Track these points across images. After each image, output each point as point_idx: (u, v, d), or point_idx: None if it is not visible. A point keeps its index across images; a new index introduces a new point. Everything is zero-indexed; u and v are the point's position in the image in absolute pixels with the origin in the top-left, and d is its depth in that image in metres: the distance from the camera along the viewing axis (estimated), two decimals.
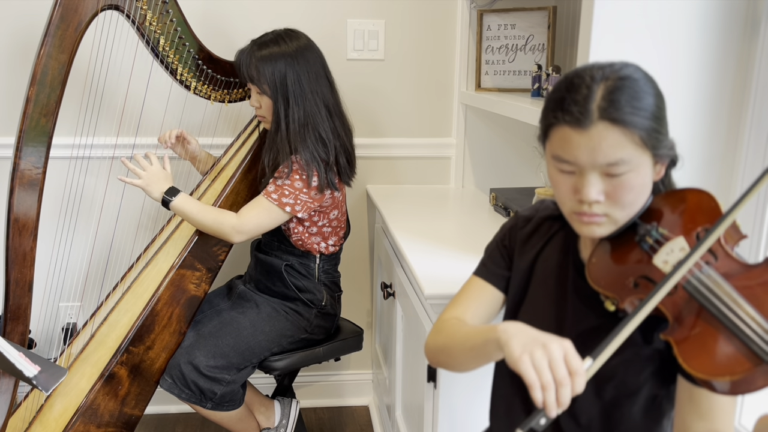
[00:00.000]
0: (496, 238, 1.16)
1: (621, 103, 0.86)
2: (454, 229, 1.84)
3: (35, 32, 2.01)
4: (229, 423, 1.82)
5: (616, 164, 0.87)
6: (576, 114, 0.87)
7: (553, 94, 0.93)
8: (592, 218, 0.92)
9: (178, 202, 1.68)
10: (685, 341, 0.84)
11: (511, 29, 2.01)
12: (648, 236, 0.93)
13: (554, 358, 0.81)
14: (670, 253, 0.91)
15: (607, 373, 0.96)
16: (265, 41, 1.72)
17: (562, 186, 0.93)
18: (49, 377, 1.10)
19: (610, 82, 0.87)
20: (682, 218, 0.94)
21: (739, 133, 1.30)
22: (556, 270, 1.06)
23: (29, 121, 1.45)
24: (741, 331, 0.81)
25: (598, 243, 0.99)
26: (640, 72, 0.91)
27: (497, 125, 2.23)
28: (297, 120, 1.70)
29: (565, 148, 0.90)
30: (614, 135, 0.86)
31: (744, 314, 0.81)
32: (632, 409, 0.98)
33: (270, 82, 1.70)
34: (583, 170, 0.90)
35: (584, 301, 1.01)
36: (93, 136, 2.06)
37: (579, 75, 0.90)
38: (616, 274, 0.94)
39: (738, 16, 1.25)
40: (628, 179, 0.89)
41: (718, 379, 0.79)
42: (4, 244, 1.47)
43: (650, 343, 0.95)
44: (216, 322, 1.78)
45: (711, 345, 0.82)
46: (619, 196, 0.90)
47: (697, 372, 0.81)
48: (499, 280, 1.12)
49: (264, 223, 1.72)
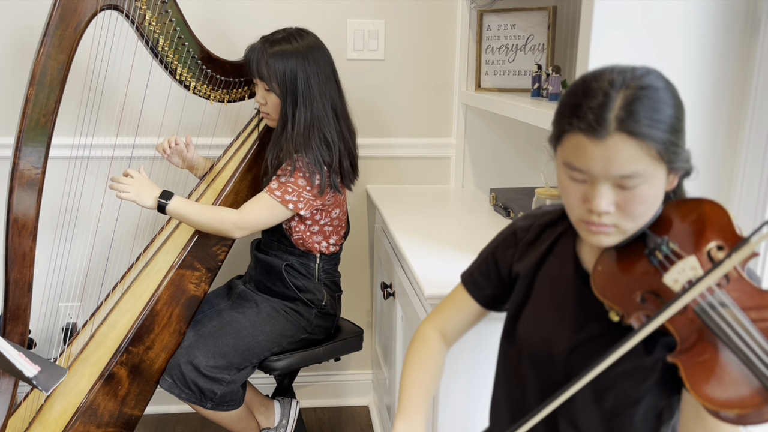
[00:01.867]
0: (489, 247, 1.15)
1: (639, 114, 0.83)
2: (454, 229, 1.84)
3: (34, 32, 2.01)
4: (229, 423, 1.82)
5: (630, 177, 0.85)
6: (592, 123, 0.84)
7: (568, 97, 0.89)
8: (600, 228, 0.90)
9: (175, 205, 1.67)
10: (693, 367, 0.81)
11: (511, 29, 2.01)
12: (658, 250, 0.91)
13: None
14: (681, 272, 0.88)
15: (607, 382, 0.95)
16: (277, 39, 1.72)
17: (572, 194, 0.91)
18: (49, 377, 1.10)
19: (630, 91, 0.84)
20: (693, 232, 0.91)
21: (739, 133, 1.30)
22: (558, 277, 1.04)
23: (28, 122, 1.45)
24: (753, 364, 0.78)
25: (604, 250, 0.97)
26: (661, 80, 0.87)
27: (497, 125, 2.23)
28: (303, 121, 1.70)
29: (578, 156, 0.87)
30: (631, 148, 0.83)
31: (757, 347, 0.78)
32: (632, 418, 0.97)
33: (280, 80, 1.70)
34: (595, 180, 0.87)
35: (587, 309, 0.99)
36: (92, 136, 2.06)
37: (597, 79, 0.87)
38: (623, 286, 0.92)
39: (738, 16, 1.25)
40: (640, 192, 0.86)
41: (727, 411, 0.77)
42: (3, 244, 1.47)
43: (652, 353, 0.93)
44: (216, 322, 1.78)
45: (721, 374, 0.79)
46: (631, 208, 0.88)
47: (706, 402, 0.79)
48: (480, 295, 1.14)
49: (266, 220, 1.72)
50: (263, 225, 1.73)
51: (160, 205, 1.67)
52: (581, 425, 1.01)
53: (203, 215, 1.69)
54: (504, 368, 1.13)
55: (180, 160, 1.91)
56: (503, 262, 1.11)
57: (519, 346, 1.07)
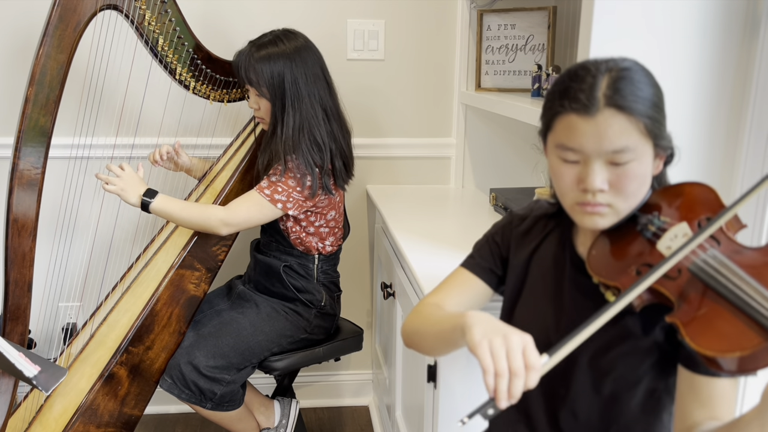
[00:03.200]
0: (486, 234, 1.17)
1: (625, 91, 0.88)
2: (454, 229, 1.84)
3: (34, 32, 2.00)
4: (229, 423, 1.82)
5: (621, 151, 0.89)
6: (583, 101, 0.89)
7: (556, 86, 0.94)
8: (595, 208, 0.93)
9: (158, 203, 1.66)
10: (692, 321, 0.84)
11: (511, 29, 2.01)
12: (650, 224, 0.95)
13: (512, 349, 0.81)
14: (674, 238, 0.91)
15: (605, 366, 0.98)
16: (263, 42, 1.71)
17: (566, 176, 0.94)
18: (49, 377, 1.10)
19: (614, 72, 0.90)
20: (682, 209, 0.95)
21: (739, 133, 1.30)
22: (552, 266, 1.06)
23: (28, 121, 1.45)
24: (750, 306, 0.80)
25: (598, 236, 0.99)
26: (638, 65, 0.93)
27: (497, 125, 2.23)
28: (293, 124, 1.69)
29: (570, 136, 0.91)
30: (620, 121, 0.88)
31: (752, 291, 0.81)
32: (631, 402, 0.98)
33: (268, 85, 1.69)
34: (588, 159, 0.91)
35: (583, 296, 1.01)
36: (92, 136, 2.06)
37: (583, 67, 0.93)
38: (619, 264, 0.94)
39: (738, 16, 1.25)
40: (632, 168, 0.90)
41: (727, 355, 0.79)
42: (3, 244, 1.47)
43: (649, 334, 0.95)
44: (216, 323, 1.78)
45: (719, 323, 0.82)
46: (624, 185, 0.91)
47: (706, 349, 0.80)
48: (485, 272, 1.13)
49: (253, 218, 1.71)
50: (251, 223, 1.72)
51: (143, 204, 1.65)
52: (580, 414, 1.02)
53: (188, 212, 1.68)
54: None
55: (173, 165, 1.91)
56: (503, 245, 1.13)
57: None
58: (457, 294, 1.13)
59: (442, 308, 1.09)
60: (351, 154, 1.83)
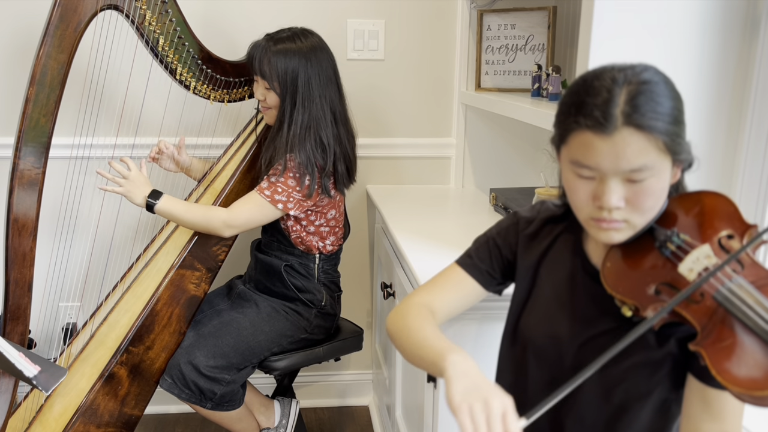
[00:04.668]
0: (488, 234, 1.14)
1: (644, 108, 0.84)
2: (454, 229, 1.84)
3: (34, 32, 2.00)
4: (229, 423, 1.82)
5: (639, 170, 0.86)
6: (599, 119, 0.85)
7: (571, 97, 0.90)
8: (611, 224, 0.90)
9: (163, 204, 1.66)
10: (717, 353, 0.81)
11: (511, 29, 2.01)
12: (669, 242, 0.91)
13: (492, 415, 0.81)
14: (696, 261, 0.88)
15: (617, 376, 0.95)
16: (281, 37, 1.71)
17: (581, 192, 0.91)
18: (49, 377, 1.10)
19: (632, 86, 0.85)
20: (701, 223, 0.92)
21: (739, 133, 1.30)
22: (564, 273, 1.04)
23: (28, 121, 1.45)
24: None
25: (612, 247, 0.97)
26: (659, 75, 0.89)
27: (497, 125, 2.23)
28: (300, 122, 1.70)
29: (586, 153, 0.87)
30: (638, 141, 0.84)
31: None
32: (641, 413, 0.97)
33: (281, 80, 1.69)
34: (604, 176, 0.88)
35: (597, 305, 0.99)
36: (92, 136, 2.06)
37: (598, 77, 0.88)
38: (635, 280, 0.92)
39: (738, 16, 1.25)
40: (649, 185, 0.87)
41: (756, 393, 0.77)
42: (3, 244, 1.47)
43: (663, 347, 0.93)
44: (216, 322, 1.78)
45: (745, 357, 0.79)
46: (640, 202, 0.88)
47: (734, 386, 0.78)
48: (481, 274, 1.11)
49: (255, 219, 1.71)
50: (252, 224, 1.72)
51: (148, 205, 1.66)
52: (587, 422, 1.00)
53: (192, 214, 1.68)
54: (507, 370, 1.12)
55: (173, 164, 1.91)
56: (505, 247, 1.11)
57: (524, 344, 1.06)
58: (448, 292, 1.11)
59: (429, 319, 1.06)
60: (355, 159, 1.83)
